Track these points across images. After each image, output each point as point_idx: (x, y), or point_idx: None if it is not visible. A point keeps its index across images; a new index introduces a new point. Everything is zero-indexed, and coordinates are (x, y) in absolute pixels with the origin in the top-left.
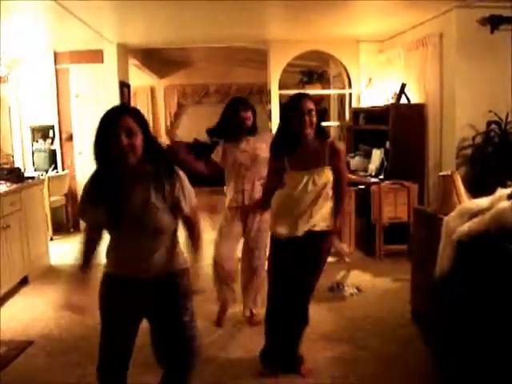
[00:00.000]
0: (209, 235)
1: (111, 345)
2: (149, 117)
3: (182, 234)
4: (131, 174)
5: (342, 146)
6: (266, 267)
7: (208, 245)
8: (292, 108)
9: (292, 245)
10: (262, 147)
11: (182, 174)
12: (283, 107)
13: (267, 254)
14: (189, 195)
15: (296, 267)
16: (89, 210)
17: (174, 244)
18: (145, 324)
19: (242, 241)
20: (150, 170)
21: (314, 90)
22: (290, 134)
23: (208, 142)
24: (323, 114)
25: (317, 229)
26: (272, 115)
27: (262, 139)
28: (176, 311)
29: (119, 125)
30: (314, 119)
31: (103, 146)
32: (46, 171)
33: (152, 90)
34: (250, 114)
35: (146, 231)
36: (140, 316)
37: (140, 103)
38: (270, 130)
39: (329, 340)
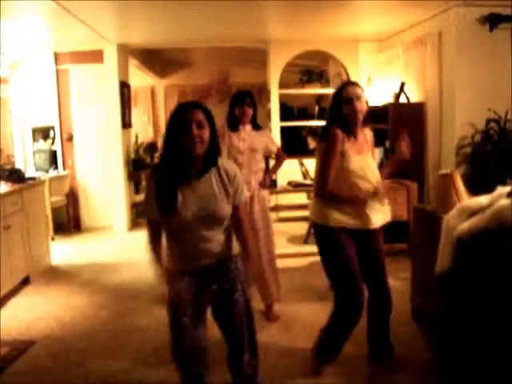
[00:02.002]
0: None
1: (183, 340)
2: (149, 117)
3: None
4: (197, 165)
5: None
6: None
7: None
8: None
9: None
10: (259, 141)
11: (236, 168)
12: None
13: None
14: (242, 189)
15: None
16: (153, 206)
17: (230, 232)
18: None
19: None
20: (213, 162)
21: (313, 90)
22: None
23: None
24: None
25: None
26: (272, 114)
27: (261, 134)
28: (231, 290)
29: (192, 117)
30: (365, 105)
31: (174, 137)
32: (47, 171)
33: (152, 90)
34: (246, 109)
35: (209, 220)
36: (205, 303)
37: (140, 103)
38: (270, 129)
39: None
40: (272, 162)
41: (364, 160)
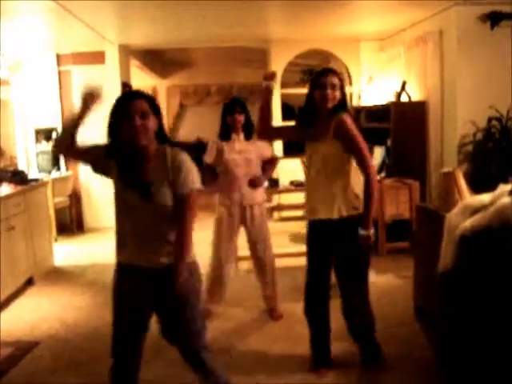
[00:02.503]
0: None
1: (122, 339)
2: None
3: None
4: (141, 155)
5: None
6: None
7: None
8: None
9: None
10: (253, 148)
11: (183, 156)
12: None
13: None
14: (186, 177)
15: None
16: (100, 156)
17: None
18: None
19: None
20: (157, 152)
21: None
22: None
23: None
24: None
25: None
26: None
27: (254, 142)
28: (177, 306)
29: (134, 107)
30: (337, 94)
31: (117, 127)
32: (50, 173)
33: (154, 91)
34: (238, 117)
35: (153, 209)
36: (148, 308)
37: None
38: None
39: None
40: None
41: (314, 148)
